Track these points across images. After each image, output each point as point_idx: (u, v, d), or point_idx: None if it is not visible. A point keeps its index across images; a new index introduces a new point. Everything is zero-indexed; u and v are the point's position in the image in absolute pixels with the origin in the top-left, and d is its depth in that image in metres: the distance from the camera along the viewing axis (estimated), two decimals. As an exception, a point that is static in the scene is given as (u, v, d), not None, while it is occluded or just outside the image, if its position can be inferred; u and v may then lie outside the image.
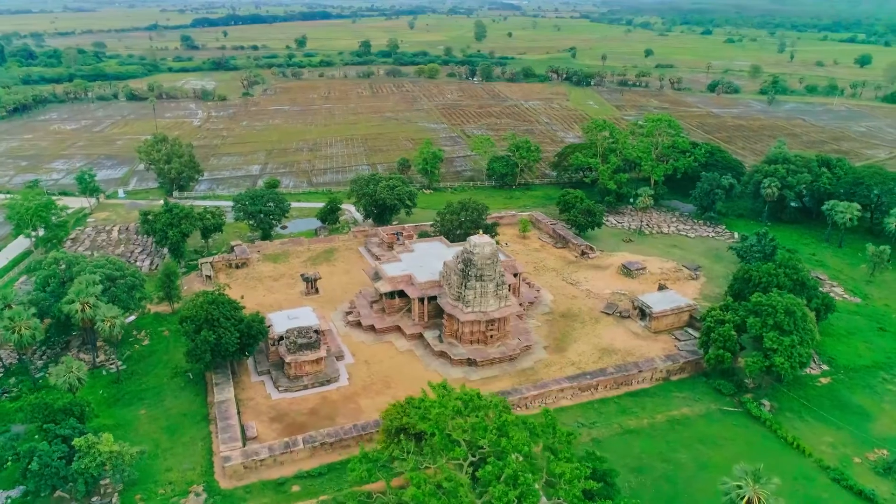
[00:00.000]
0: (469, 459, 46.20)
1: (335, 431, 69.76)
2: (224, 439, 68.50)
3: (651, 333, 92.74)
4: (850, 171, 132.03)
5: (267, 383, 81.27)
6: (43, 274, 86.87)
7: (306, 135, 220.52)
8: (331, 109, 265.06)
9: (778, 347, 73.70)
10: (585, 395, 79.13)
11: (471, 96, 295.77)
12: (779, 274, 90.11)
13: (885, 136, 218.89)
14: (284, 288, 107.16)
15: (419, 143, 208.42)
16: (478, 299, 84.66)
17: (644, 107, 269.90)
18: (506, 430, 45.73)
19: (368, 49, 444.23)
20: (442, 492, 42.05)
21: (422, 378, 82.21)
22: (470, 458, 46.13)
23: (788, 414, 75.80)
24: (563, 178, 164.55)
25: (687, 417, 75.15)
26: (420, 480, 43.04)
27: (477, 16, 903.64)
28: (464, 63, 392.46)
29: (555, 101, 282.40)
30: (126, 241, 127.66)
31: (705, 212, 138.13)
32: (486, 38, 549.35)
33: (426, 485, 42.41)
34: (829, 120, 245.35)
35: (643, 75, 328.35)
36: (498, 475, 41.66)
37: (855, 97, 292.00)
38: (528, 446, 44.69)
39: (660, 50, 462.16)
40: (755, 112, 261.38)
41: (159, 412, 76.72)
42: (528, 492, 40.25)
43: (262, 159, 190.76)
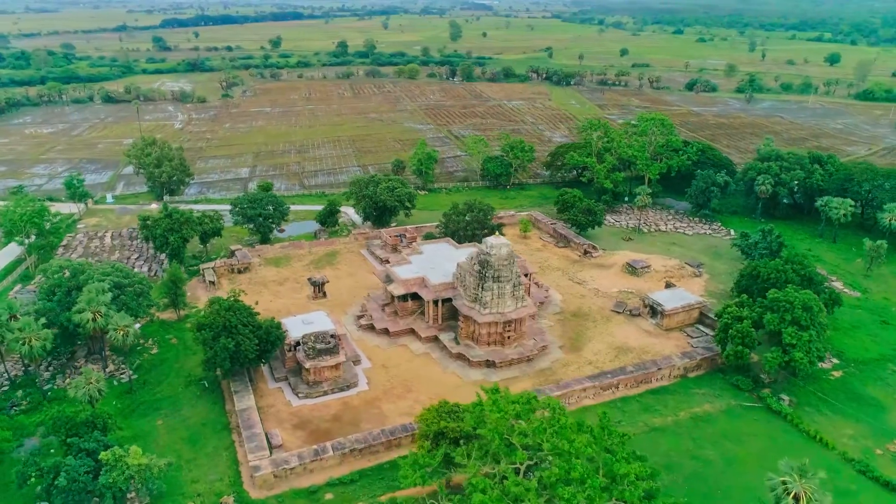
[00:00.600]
0: (526, 463, 46.00)
1: (364, 437, 68.94)
2: (251, 448, 67.24)
3: (663, 331, 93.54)
4: (842, 168, 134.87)
5: (285, 390, 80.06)
6: (48, 283, 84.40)
7: (292, 136, 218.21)
8: (313, 111, 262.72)
9: (797, 343, 74.85)
10: (607, 394, 79.45)
11: (453, 96, 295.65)
12: (787, 270, 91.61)
13: (862, 133, 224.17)
14: (290, 292, 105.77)
15: (407, 143, 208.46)
16: (495, 300, 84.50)
17: (625, 106, 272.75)
18: (565, 433, 45.63)
19: (345, 49, 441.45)
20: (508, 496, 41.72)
21: (441, 381, 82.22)
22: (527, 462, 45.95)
23: (807, 408, 77.03)
24: (557, 178, 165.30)
25: (709, 414, 75.90)
26: (485, 485, 42.62)
27: (450, 16, 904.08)
28: (442, 63, 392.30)
29: (537, 101, 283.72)
30: (121, 247, 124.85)
31: (700, 209, 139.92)
32: (462, 38, 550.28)
33: (492, 490, 42.00)
34: (806, 117, 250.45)
35: (622, 75, 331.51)
36: (565, 478, 41.52)
37: (829, 95, 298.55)
38: (590, 448, 44.62)
39: (634, 49, 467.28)
40: (734, 110, 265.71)
41: (177, 422, 75.08)
42: (595, 494, 40.16)
43: (250, 162, 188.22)
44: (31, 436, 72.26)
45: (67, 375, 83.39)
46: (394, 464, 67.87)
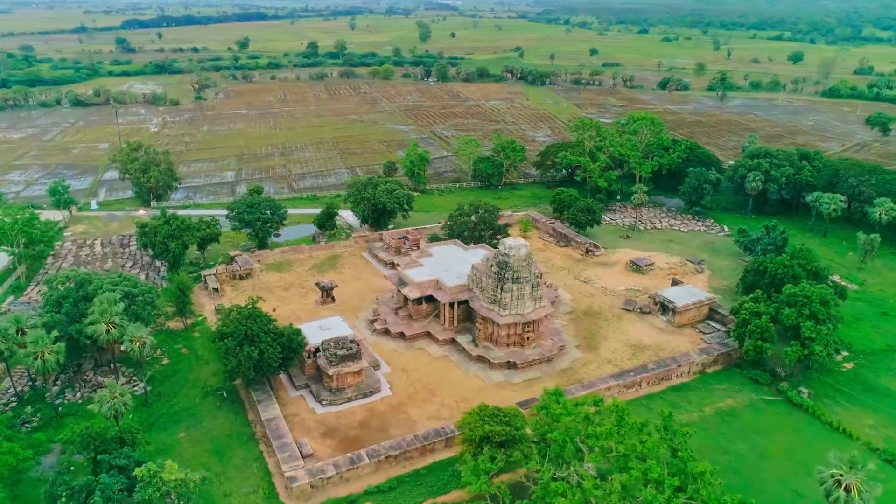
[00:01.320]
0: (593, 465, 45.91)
1: (398, 444, 68.09)
2: (284, 458, 65.83)
3: (675, 328, 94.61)
4: (828, 164, 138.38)
5: (307, 398, 78.67)
6: (55, 294, 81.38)
7: (273, 139, 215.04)
8: (291, 112, 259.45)
9: (816, 336, 76.38)
10: (630, 392, 79.93)
11: (430, 97, 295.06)
12: (793, 265, 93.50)
13: (834, 129, 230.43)
14: (297, 297, 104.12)
15: (391, 145, 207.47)
16: (514, 301, 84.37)
17: (602, 105, 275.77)
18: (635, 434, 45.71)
19: (316, 50, 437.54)
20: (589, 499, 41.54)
21: (463, 384, 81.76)
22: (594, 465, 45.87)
23: (825, 400, 78.67)
24: (547, 177, 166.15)
25: (733, 409, 76.96)
26: (564, 489, 42.31)
27: (415, 16, 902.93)
28: (415, 64, 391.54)
29: (515, 101, 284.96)
30: (113, 255, 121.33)
31: (693, 206, 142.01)
32: (431, 38, 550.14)
33: (573, 494, 41.72)
34: (778, 115, 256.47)
35: (596, 74, 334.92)
36: (643, 479, 41.56)
37: (797, 92, 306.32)
38: (662, 448, 44.75)
39: (604, 49, 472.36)
40: (708, 108, 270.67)
41: (200, 434, 73.16)
42: (673, 495, 40.23)
43: (234, 165, 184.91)
44: (47, 453, 69.75)
45: (77, 389, 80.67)
46: (430, 469, 67.54)
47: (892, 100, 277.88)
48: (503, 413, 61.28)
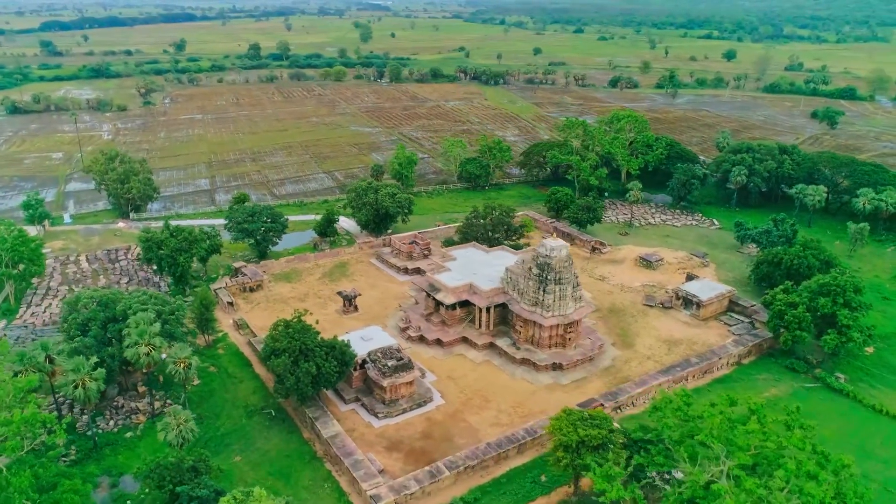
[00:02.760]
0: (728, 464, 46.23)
1: (473, 453, 66.89)
2: (361, 476, 63.57)
3: (700, 321, 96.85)
4: (807, 158, 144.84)
5: (360, 411, 76.35)
6: (80, 316, 75.91)
7: (238, 144, 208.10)
8: (249, 116, 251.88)
9: (852, 324, 79.70)
10: (678, 387, 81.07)
11: (389, 98, 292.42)
12: (807, 255, 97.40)
13: (784, 124, 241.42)
14: (316, 308, 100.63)
15: (364, 147, 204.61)
16: (557, 303, 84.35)
17: (560, 104, 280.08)
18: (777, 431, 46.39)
19: (258, 52, 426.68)
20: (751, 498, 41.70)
21: (513, 388, 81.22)
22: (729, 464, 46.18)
23: (860, 384, 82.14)
24: (531, 177, 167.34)
25: (779, 398, 79.13)
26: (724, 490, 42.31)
27: (349, 16, 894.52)
28: (365, 65, 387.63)
29: (474, 101, 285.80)
30: (103, 271, 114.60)
31: (680, 201, 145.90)
32: (372, 39, 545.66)
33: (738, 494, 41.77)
34: (729, 110, 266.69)
35: (549, 73, 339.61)
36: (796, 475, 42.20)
37: (739, 89, 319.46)
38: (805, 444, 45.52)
39: (546, 48, 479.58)
40: (662, 105, 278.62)
41: (256, 457, 69.87)
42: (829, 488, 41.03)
43: (205, 172, 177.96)
44: (95, 488, 65.03)
45: (108, 417, 75.63)
46: (509, 477, 66.75)
47: (828, 94, 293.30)
48: (592, 416, 61.06)
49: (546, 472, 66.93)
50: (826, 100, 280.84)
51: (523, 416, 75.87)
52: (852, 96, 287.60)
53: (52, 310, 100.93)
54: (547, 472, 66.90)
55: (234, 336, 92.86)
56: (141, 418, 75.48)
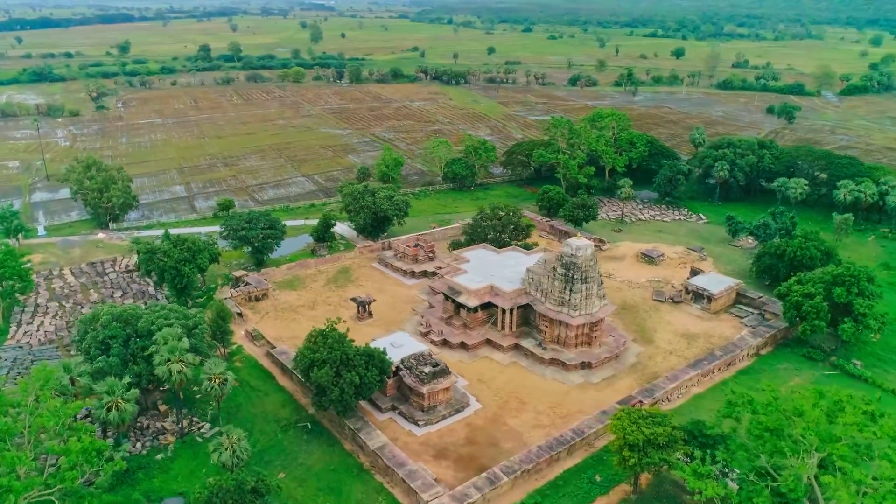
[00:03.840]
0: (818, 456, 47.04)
1: (527, 457, 66.29)
2: (420, 487, 62.16)
3: (711, 315, 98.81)
4: (785, 152, 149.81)
5: (398, 420, 74.78)
6: (100, 335, 71.80)
7: (206, 149, 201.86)
8: (211, 120, 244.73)
9: (868, 312, 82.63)
10: (706, 380, 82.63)
11: (353, 99, 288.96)
12: (809, 247, 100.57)
13: (744, 119, 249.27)
14: (328, 315, 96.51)
15: (338, 150, 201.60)
16: (583, 302, 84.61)
17: (525, 103, 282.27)
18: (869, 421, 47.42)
19: (209, 54, 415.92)
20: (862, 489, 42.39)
21: (547, 389, 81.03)
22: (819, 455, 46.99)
23: (875, 369, 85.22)
24: (514, 176, 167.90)
25: (804, 386, 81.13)
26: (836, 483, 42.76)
27: (294, 16, 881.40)
28: (322, 65, 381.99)
29: (439, 101, 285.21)
30: (94, 285, 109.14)
31: (666, 197, 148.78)
32: (322, 39, 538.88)
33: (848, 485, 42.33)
34: (689, 107, 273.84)
35: (509, 72, 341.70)
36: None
37: (694, 85, 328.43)
38: (894, 432, 46.67)
39: (499, 48, 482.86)
40: (624, 103, 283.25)
41: (301, 472, 67.55)
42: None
43: (178, 179, 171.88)
44: (137, 516, 61.72)
45: (135, 439, 71.90)
46: (564, 479, 66.47)
47: (778, 90, 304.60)
48: (652, 414, 61.36)
49: (600, 471, 67.05)
50: (777, 95, 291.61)
51: (562, 416, 75.74)
52: (801, 92, 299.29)
53: (46, 328, 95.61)
54: (601, 471, 67.02)
55: (250, 348, 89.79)
56: (169, 438, 72.05)
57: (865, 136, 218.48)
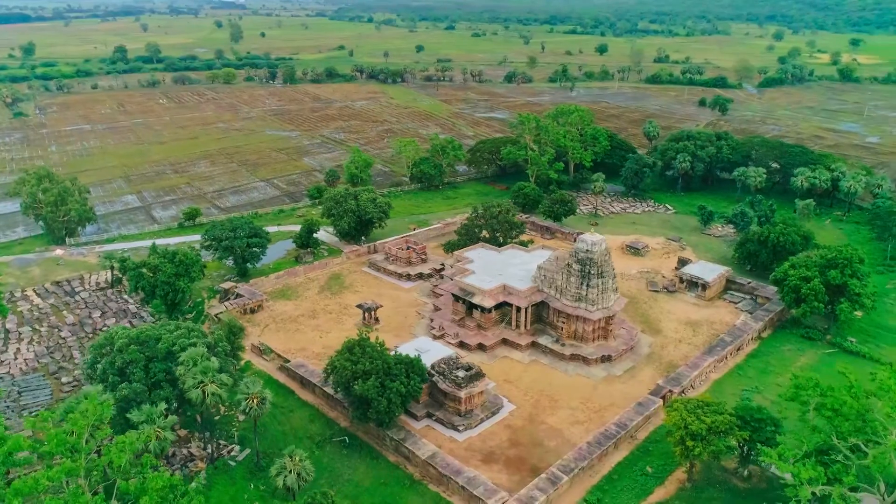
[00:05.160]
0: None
1: (581, 454, 66.33)
2: (483, 493, 61.06)
3: (706, 302, 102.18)
4: (740, 143, 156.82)
5: (436, 426, 73.25)
6: (118, 360, 66.50)
7: (150, 155, 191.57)
8: (146, 125, 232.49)
9: (862, 292, 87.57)
10: (721, 366, 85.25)
11: (291, 100, 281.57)
12: (790, 232, 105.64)
13: (680, 112, 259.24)
14: (332, 324, 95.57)
15: (291, 153, 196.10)
16: (600, 296, 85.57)
17: (467, 100, 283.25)
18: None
19: (125, 55, 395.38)
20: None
21: (574, 385, 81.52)
22: None
23: (867, 345, 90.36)
24: (481, 173, 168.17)
25: (811, 365, 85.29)
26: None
27: (205, 15, 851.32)
28: (250, 66, 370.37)
29: (380, 100, 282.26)
30: (66, 306, 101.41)
31: (632, 189, 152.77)
32: (243, 38, 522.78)
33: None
34: (625, 101, 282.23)
35: (445, 70, 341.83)
36: None
37: (624, 80, 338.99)
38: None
39: (427, 46, 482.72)
40: (564, 99, 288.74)
41: (351, 489, 65.04)
42: None
43: (127, 188, 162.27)
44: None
45: (163, 468, 67.06)
46: (618, 474, 66.94)
47: (703, 84, 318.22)
48: (706, 403, 62.67)
49: (648, 463, 68.00)
50: (703, 89, 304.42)
51: (596, 410, 76.36)
52: (724, 85, 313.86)
53: (25, 355, 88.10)
54: (649, 462, 67.99)
55: (259, 363, 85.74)
56: (200, 465, 67.85)
57: (793, 125, 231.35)
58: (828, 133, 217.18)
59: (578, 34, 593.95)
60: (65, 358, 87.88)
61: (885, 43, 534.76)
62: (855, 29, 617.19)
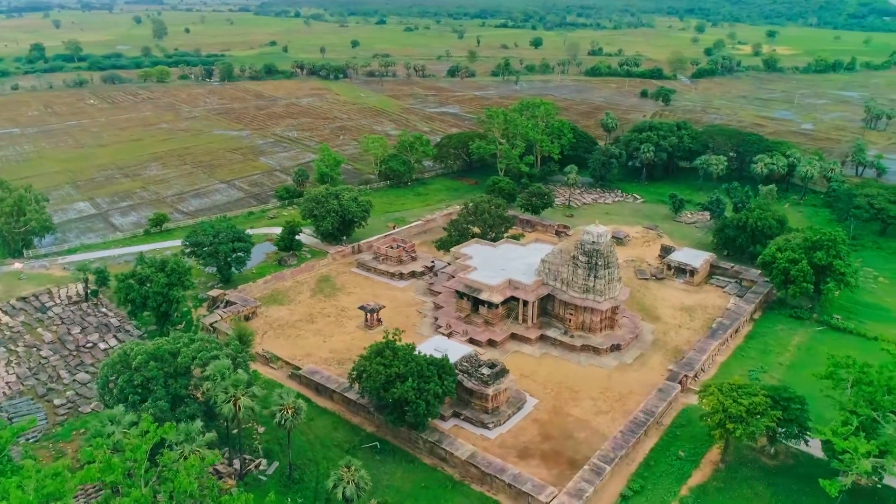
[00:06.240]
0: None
1: (618, 443, 67.06)
2: (531, 489, 60.94)
3: (695, 287, 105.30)
4: (699, 133, 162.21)
5: (465, 426, 72.54)
6: (137, 378, 62.53)
7: (94, 160, 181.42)
8: (82, 127, 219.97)
9: (846, 271, 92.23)
10: (724, 348, 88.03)
11: (233, 98, 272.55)
12: (766, 217, 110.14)
13: (624, 103, 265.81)
14: (333, 328, 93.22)
15: (246, 152, 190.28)
16: (607, 286, 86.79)
17: (414, 95, 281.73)
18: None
19: (43, 54, 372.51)
20: None
21: (590, 375, 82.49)
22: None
23: (851, 321, 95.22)
24: (448, 169, 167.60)
25: (805, 343, 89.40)
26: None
27: (120, 11, 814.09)
28: (184, 64, 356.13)
29: (326, 97, 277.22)
30: (41, 323, 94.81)
31: (600, 180, 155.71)
32: (167, 35, 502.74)
33: None
34: (570, 93, 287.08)
35: (388, 65, 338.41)
36: None
37: (565, 73, 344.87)
38: None
39: (362, 41, 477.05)
40: (510, 92, 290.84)
41: (393, 495, 63.51)
42: None
43: (77, 195, 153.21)
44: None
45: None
46: (654, 460, 68.18)
47: (640, 75, 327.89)
48: (740, 386, 64.49)
49: (679, 447, 69.51)
50: (641, 80, 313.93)
51: (618, 399, 77.46)
52: (660, 76, 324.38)
53: (7, 378, 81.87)
54: (680, 446, 69.52)
55: (267, 371, 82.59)
56: (230, 482, 64.67)
57: (732, 114, 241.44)
58: (766, 121, 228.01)
59: (510, 28, 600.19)
60: (52, 379, 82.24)
61: (798, 34, 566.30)
62: (768, 21, 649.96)
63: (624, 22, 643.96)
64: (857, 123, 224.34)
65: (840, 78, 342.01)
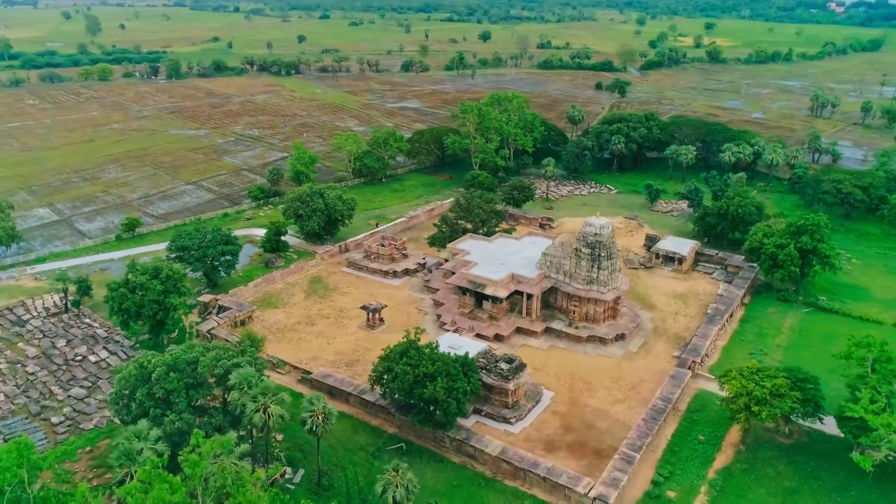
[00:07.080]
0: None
1: (642, 431, 68.02)
2: (567, 481, 61.25)
3: (683, 274, 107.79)
4: (666, 125, 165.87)
5: (486, 422, 72.35)
6: (157, 391, 59.78)
7: (46, 163, 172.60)
8: (26, 129, 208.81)
9: (830, 254, 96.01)
10: (723, 333, 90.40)
11: (183, 97, 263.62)
12: (746, 205, 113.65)
13: (581, 95, 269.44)
14: (334, 329, 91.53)
15: (209, 152, 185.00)
16: (610, 277, 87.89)
17: (373, 90, 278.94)
18: None
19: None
20: None
21: (599, 366, 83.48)
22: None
23: (834, 302, 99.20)
24: (421, 164, 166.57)
25: (797, 325, 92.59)
26: None
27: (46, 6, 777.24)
28: (125, 61, 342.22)
29: (281, 93, 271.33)
30: (20, 337, 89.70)
31: (574, 172, 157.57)
32: (102, 31, 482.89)
33: None
34: (526, 86, 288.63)
35: (341, 61, 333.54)
36: None
37: (517, 66, 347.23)
38: None
39: (308, 36, 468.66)
40: (468, 86, 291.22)
41: (427, 496, 62.46)
42: None
43: (35, 201, 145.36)
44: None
45: None
46: (678, 445, 69.34)
47: (591, 68, 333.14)
48: (760, 369, 66.35)
49: (699, 431, 71.08)
50: (593, 73, 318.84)
51: (631, 387, 78.65)
52: (611, 68, 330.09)
53: (-6, 398, 77.13)
54: (700, 431, 71.09)
55: (275, 376, 79.86)
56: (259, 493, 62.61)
57: (686, 105, 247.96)
58: (718, 111, 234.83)
59: (456, 22, 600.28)
60: (44, 396, 77.91)
61: (734, 26, 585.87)
62: (704, 14, 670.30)
63: (567, 15, 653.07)
64: (803, 112, 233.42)
65: (779, 68, 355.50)
